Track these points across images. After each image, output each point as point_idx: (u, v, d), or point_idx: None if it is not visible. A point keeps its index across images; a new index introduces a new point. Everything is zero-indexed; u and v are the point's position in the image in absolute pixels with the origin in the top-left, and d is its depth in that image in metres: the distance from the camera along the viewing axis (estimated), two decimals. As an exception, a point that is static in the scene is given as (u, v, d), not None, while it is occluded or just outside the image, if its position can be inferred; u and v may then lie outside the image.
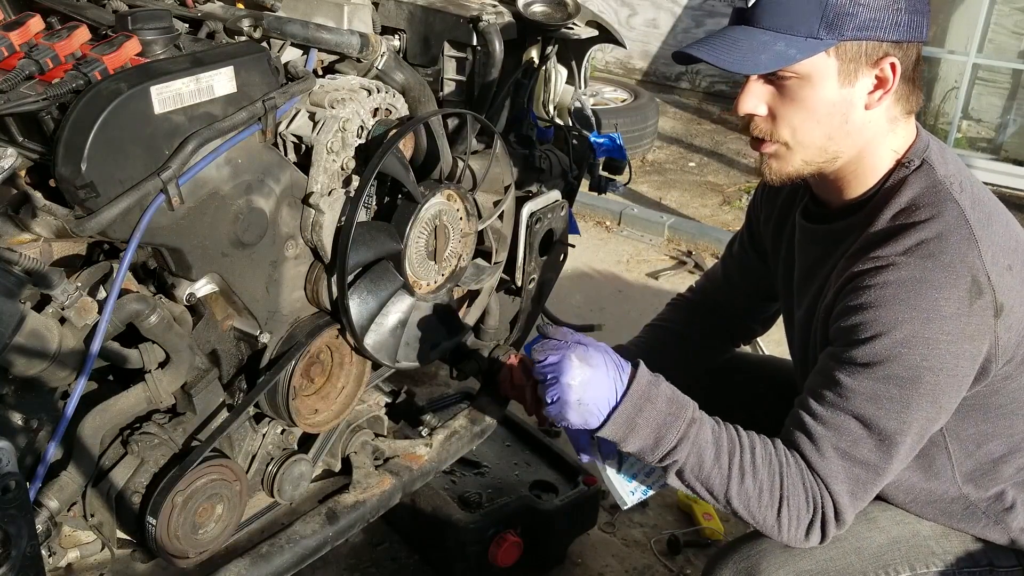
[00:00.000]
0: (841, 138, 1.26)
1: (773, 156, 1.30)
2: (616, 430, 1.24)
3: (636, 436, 1.24)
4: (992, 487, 1.38)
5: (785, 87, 1.23)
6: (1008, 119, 5.28)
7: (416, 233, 1.50)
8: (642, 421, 1.23)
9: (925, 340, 1.18)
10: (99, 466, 1.33)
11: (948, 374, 1.20)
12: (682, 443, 1.24)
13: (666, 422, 1.24)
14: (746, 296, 1.76)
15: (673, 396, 1.27)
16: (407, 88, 1.53)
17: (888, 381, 1.20)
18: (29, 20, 1.28)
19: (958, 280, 1.18)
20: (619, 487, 1.40)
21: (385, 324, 1.53)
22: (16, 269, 1.11)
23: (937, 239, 1.20)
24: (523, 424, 2.30)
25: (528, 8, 1.70)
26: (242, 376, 1.48)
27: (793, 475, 1.24)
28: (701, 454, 1.24)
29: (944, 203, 1.23)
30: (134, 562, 1.42)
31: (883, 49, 1.21)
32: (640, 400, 1.24)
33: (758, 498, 1.24)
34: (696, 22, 6.66)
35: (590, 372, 1.22)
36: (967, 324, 1.19)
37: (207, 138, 1.21)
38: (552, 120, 1.93)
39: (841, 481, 1.24)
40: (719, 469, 1.24)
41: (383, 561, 2.13)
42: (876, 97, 1.24)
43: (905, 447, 1.24)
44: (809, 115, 1.24)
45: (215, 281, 1.34)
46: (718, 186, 5.01)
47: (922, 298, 1.18)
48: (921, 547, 1.39)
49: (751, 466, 1.24)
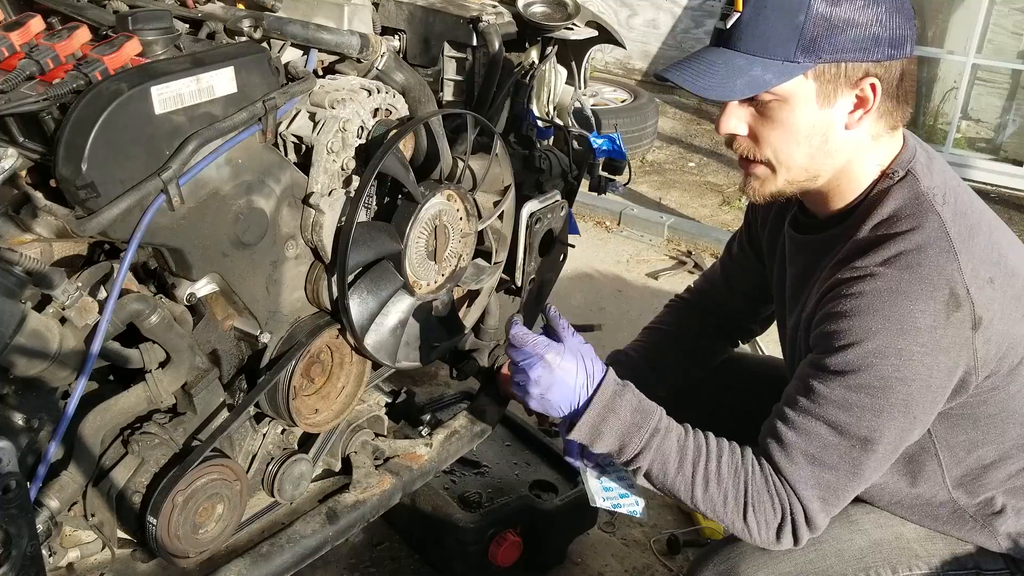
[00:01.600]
0: (822, 158, 1.26)
1: (756, 176, 1.31)
2: (582, 436, 1.31)
3: (601, 443, 1.30)
4: (982, 493, 1.38)
5: (765, 108, 1.23)
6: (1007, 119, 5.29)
7: (416, 233, 1.50)
8: (606, 429, 1.29)
9: (898, 351, 1.18)
10: (100, 466, 1.33)
11: (921, 385, 1.20)
12: (644, 452, 1.29)
13: (628, 431, 1.29)
14: (744, 296, 1.76)
15: (639, 406, 1.30)
16: (407, 88, 1.53)
17: (859, 390, 1.20)
18: (30, 20, 1.29)
19: (935, 292, 1.18)
20: (593, 490, 1.48)
21: (385, 324, 1.53)
22: (17, 269, 1.12)
23: (916, 251, 1.19)
24: (523, 424, 2.30)
25: (528, 9, 1.70)
26: (242, 376, 1.48)
27: (758, 482, 1.26)
28: (665, 462, 1.29)
29: (925, 215, 1.22)
30: (135, 562, 1.42)
31: (863, 69, 1.20)
32: (604, 410, 1.29)
33: (723, 504, 1.27)
34: (696, 22, 6.66)
35: (557, 376, 1.29)
36: (943, 336, 1.18)
37: (208, 138, 1.21)
38: (552, 120, 1.93)
39: (811, 487, 1.25)
40: (683, 476, 1.28)
41: (383, 561, 2.13)
42: (856, 117, 1.23)
43: (877, 456, 1.24)
44: (789, 136, 1.24)
45: (215, 281, 1.34)
46: (718, 186, 5.01)
47: (897, 309, 1.18)
48: (904, 549, 1.39)
49: (716, 474, 1.27)
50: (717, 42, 1.25)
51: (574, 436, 1.31)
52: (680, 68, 1.26)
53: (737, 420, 1.79)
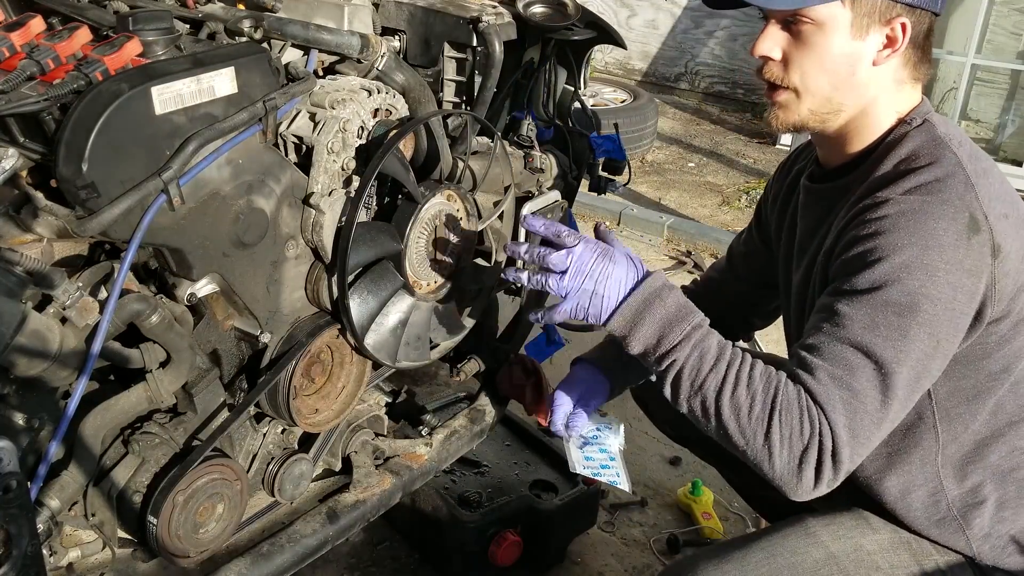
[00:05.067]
0: (846, 90, 1.31)
1: (781, 105, 1.34)
2: (623, 321, 1.27)
3: (639, 330, 1.27)
4: (972, 477, 1.36)
5: (800, 32, 1.28)
6: (1007, 119, 5.29)
7: (416, 233, 1.51)
8: (648, 316, 1.26)
9: (924, 266, 1.19)
10: (100, 465, 1.33)
11: (945, 306, 1.20)
12: (683, 343, 1.25)
13: (671, 321, 1.26)
14: (749, 286, 1.76)
15: (685, 303, 1.29)
16: (407, 89, 1.53)
17: (886, 307, 1.20)
18: (30, 21, 1.29)
19: (957, 215, 1.21)
20: (574, 458, 1.52)
21: (385, 324, 1.53)
22: (17, 269, 1.12)
23: (937, 181, 1.23)
24: (523, 424, 2.30)
25: (528, 9, 1.70)
26: (243, 376, 1.48)
27: (790, 394, 1.21)
28: (702, 358, 1.25)
29: (943, 153, 1.26)
30: (135, 561, 1.43)
31: (896, 9, 1.26)
32: (650, 296, 1.27)
33: (749, 408, 1.21)
34: (695, 23, 6.66)
35: (598, 266, 1.28)
36: (965, 256, 1.21)
37: (208, 138, 1.21)
38: (552, 120, 1.93)
39: (839, 412, 1.19)
40: (715, 374, 1.24)
41: (383, 560, 2.13)
42: (884, 55, 1.29)
43: (902, 382, 1.20)
44: (819, 62, 1.29)
45: (216, 281, 1.34)
46: (717, 186, 5.02)
47: (922, 227, 1.20)
48: (863, 562, 1.35)
49: (747, 377, 1.23)
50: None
51: (613, 323, 1.28)
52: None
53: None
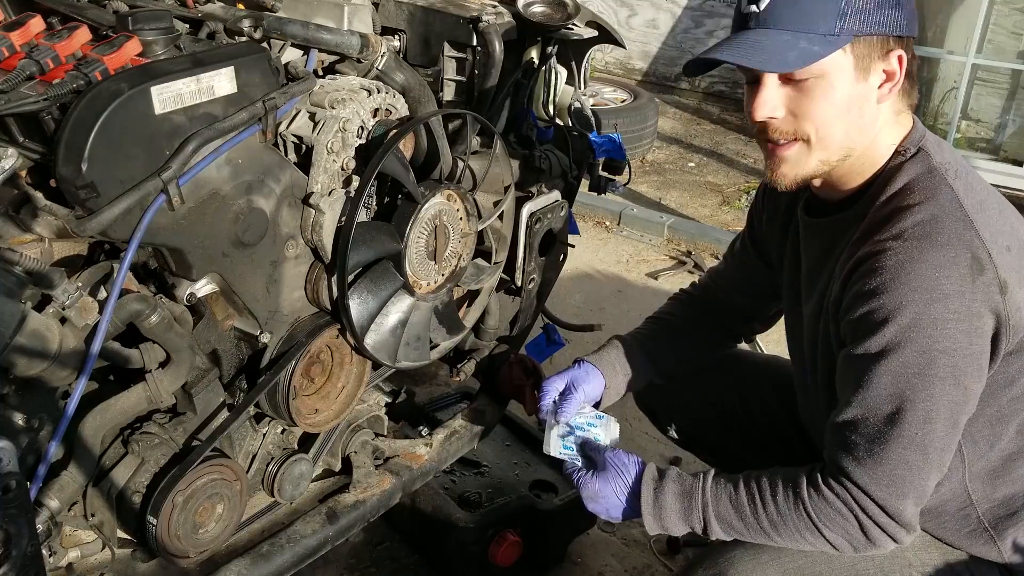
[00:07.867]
0: (856, 133, 1.29)
1: (788, 160, 1.30)
2: (653, 529, 1.40)
3: (675, 529, 1.39)
4: (1003, 488, 1.35)
5: (804, 85, 1.25)
6: (1007, 119, 5.28)
7: (416, 233, 1.51)
8: (668, 523, 1.38)
9: (932, 321, 1.17)
10: (100, 466, 1.33)
11: (963, 353, 1.19)
12: (709, 526, 1.36)
13: (684, 517, 1.37)
14: (747, 295, 1.76)
15: (680, 490, 1.38)
16: (407, 88, 1.53)
17: (905, 370, 1.19)
18: (30, 20, 1.29)
19: (957, 258, 1.18)
20: (552, 443, 1.57)
21: (385, 324, 1.53)
22: (17, 269, 1.12)
23: (932, 221, 1.20)
24: (523, 424, 2.30)
25: (528, 9, 1.70)
26: (242, 376, 1.48)
27: (816, 502, 1.28)
28: (730, 525, 1.35)
29: (938, 187, 1.24)
30: (135, 562, 1.43)
31: (890, 43, 1.25)
32: (655, 509, 1.38)
33: (802, 537, 1.30)
34: (695, 22, 6.66)
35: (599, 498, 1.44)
36: (972, 300, 1.18)
37: (208, 138, 1.21)
38: (552, 120, 1.93)
39: (883, 485, 1.23)
40: (752, 530, 1.33)
41: (383, 561, 2.13)
42: (886, 90, 1.27)
43: (938, 435, 1.22)
44: (832, 110, 1.26)
45: (215, 281, 1.34)
46: (717, 186, 5.01)
47: (922, 278, 1.17)
48: (896, 557, 1.37)
49: (777, 515, 1.31)
50: (746, 25, 1.26)
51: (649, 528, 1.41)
52: (722, 49, 1.27)
53: (740, 421, 1.80)
